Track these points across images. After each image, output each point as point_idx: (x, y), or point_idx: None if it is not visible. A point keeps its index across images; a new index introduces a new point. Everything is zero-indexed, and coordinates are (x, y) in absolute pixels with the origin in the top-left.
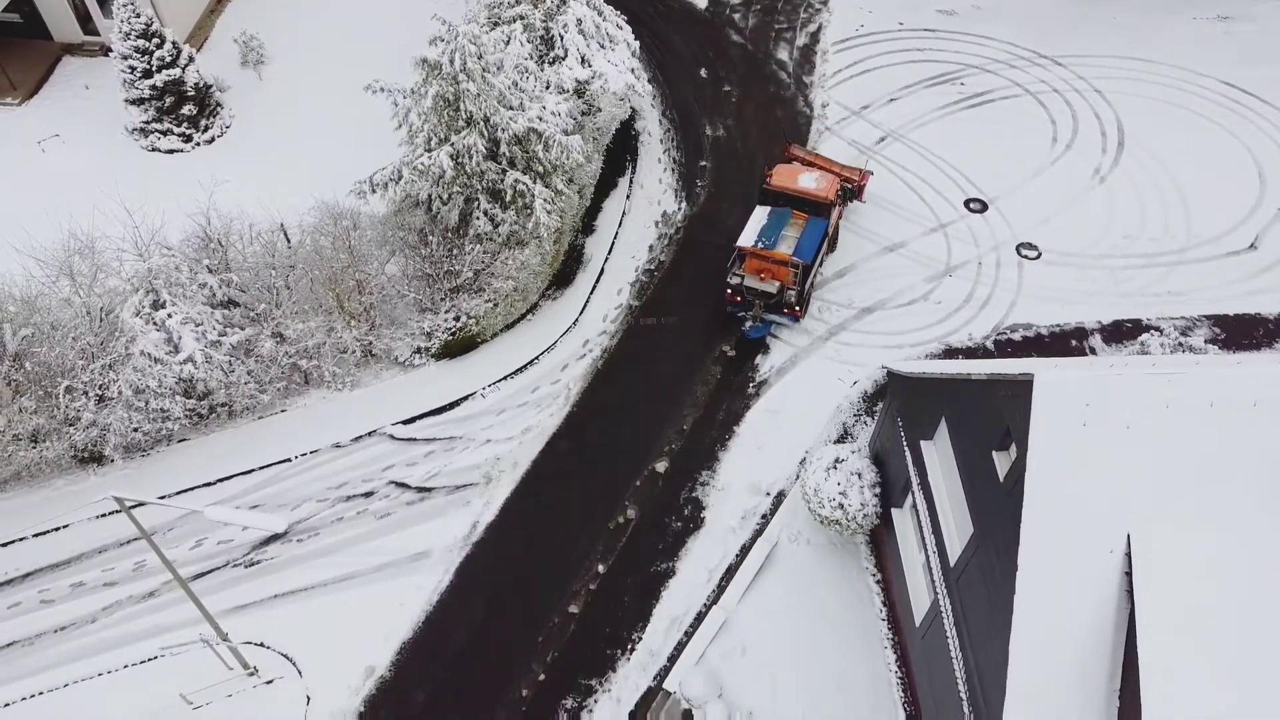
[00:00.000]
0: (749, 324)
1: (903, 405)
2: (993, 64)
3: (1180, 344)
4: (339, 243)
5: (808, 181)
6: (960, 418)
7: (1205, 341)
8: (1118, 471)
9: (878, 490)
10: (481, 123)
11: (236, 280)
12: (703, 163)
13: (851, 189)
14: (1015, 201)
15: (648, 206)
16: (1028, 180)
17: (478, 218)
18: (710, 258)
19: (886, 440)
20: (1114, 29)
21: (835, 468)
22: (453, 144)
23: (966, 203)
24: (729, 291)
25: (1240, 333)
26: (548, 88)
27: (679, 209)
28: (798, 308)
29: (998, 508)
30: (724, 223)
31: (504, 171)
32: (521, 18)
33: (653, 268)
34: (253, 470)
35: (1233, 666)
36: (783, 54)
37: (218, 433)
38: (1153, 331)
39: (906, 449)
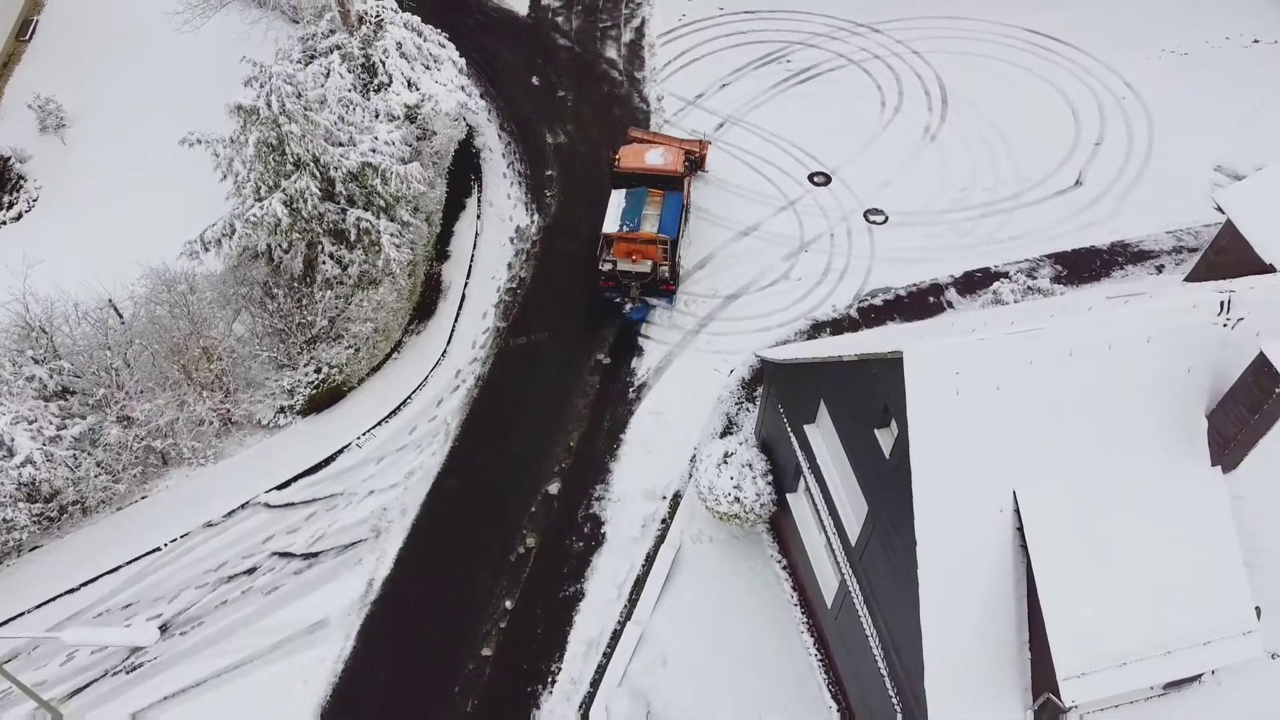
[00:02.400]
0: (629, 306)
1: (781, 391)
2: (815, 38)
3: (1030, 288)
4: (177, 310)
5: (654, 158)
6: (838, 399)
7: (1051, 281)
8: (995, 432)
9: (770, 478)
10: (311, 163)
11: (68, 367)
12: (548, 171)
13: (695, 160)
14: (856, 170)
15: (500, 224)
16: (864, 148)
17: (323, 262)
18: (570, 266)
19: (771, 426)
20: None
21: (726, 462)
22: (284, 190)
23: (810, 177)
24: (602, 279)
25: (1080, 266)
26: (377, 116)
27: (532, 222)
28: (672, 283)
29: (888, 484)
30: (578, 229)
31: (344, 210)
32: (338, 47)
33: (514, 285)
34: (120, 567)
35: (1129, 603)
36: (611, 52)
37: (74, 533)
38: (1002, 280)
39: (792, 434)
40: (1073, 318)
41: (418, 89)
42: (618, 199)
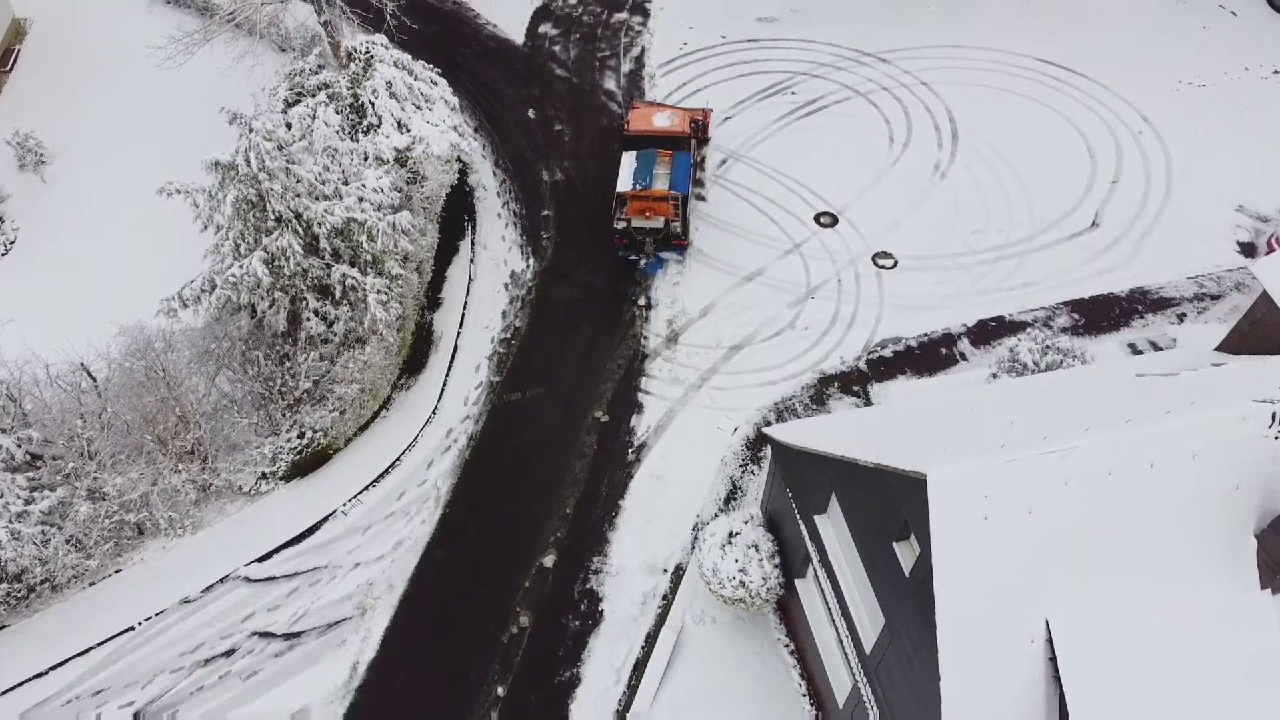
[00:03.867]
0: (643, 261)
1: (789, 475)
2: (820, 68)
3: (1048, 346)
4: (152, 374)
5: (662, 120)
6: (852, 499)
7: (1068, 333)
8: (1028, 557)
9: (777, 561)
10: (294, 219)
11: (37, 436)
12: (545, 212)
13: (700, 124)
14: (863, 209)
15: (494, 269)
16: (872, 185)
17: (308, 318)
18: (568, 314)
19: (778, 503)
20: (929, 17)
21: (730, 543)
22: (265, 247)
23: (817, 218)
24: (617, 236)
25: (1098, 314)
26: (365, 160)
27: (527, 266)
28: (683, 238)
29: (907, 601)
30: (575, 273)
31: (329, 266)
32: (325, 86)
33: (509, 335)
34: (91, 648)
35: None
36: (610, 83)
37: (44, 611)
38: (1020, 336)
39: (801, 522)
40: (1111, 432)
41: (408, 130)
42: (629, 160)
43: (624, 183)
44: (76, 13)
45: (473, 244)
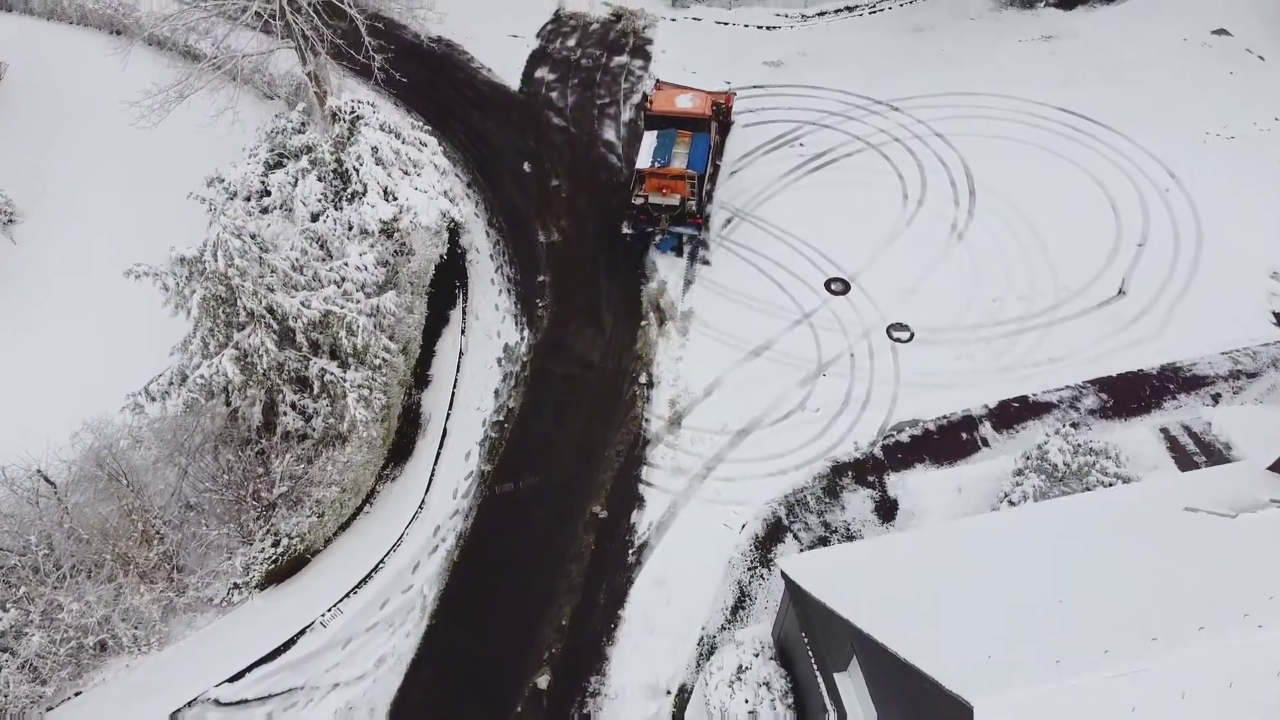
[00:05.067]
0: (659, 238)
1: (806, 618)
2: (829, 117)
3: (1078, 447)
4: (115, 481)
5: (684, 101)
6: (879, 674)
7: (1092, 412)
8: None
9: (790, 700)
10: (267, 314)
11: None
12: (540, 278)
13: (723, 107)
14: (877, 274)
15: (486, 342)
16: (885, 247)
17: (284, 412)
18: (564, 392)
19: (791, 635)
20: (942, 61)
21: (739, 679)
22: (236, 344)
23: (828, 284)
24: (634, 212)
25: (1127, 394)
26: (350, 229)
27: (521, 339)
28: (699, 216)
29: None
30: (573, 347)
31: (307, 359)
32: (308, 150)
33: (501, 418)
34: None
35: None
36: (609, 133)
37: None
38: (1045, 419)
39: (818, 675)
40: (1184, 648)
41: (395, 199)
42: (650, 139)
43: (643, 160)
44: (53, 58)
45: (464, 313)
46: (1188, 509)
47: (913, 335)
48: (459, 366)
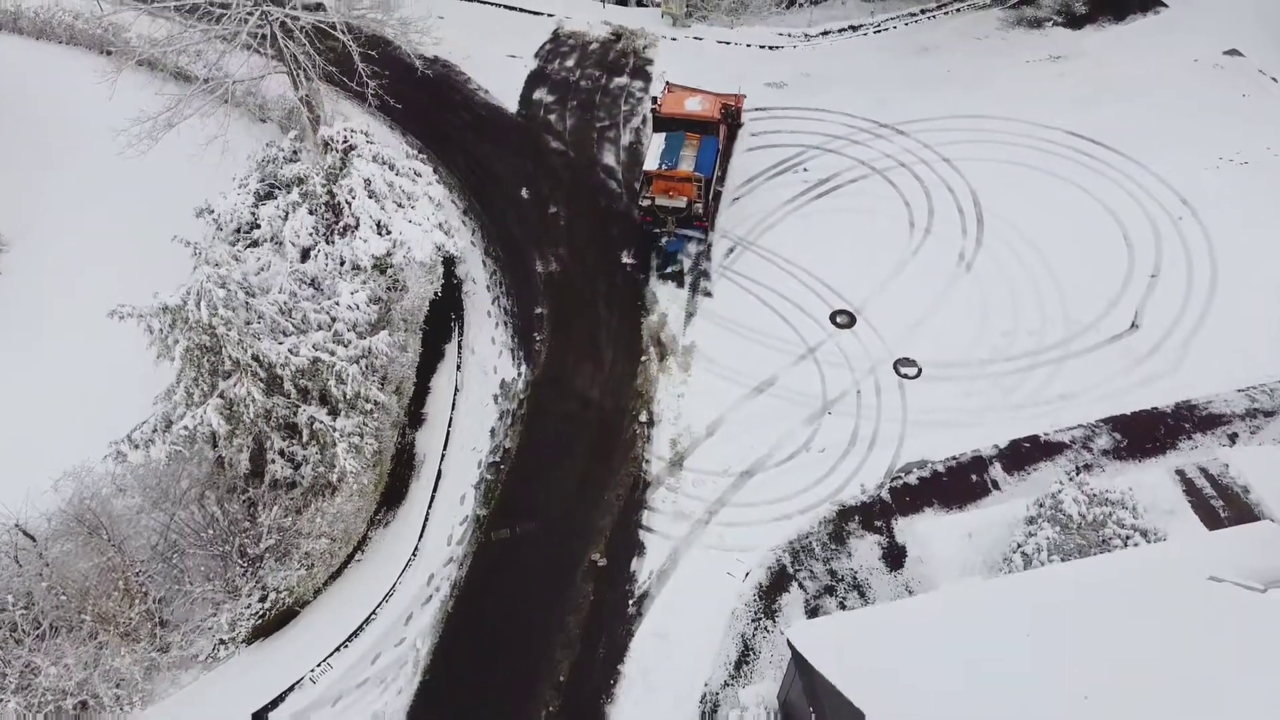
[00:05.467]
0: (664, 239)
1: (814, 693)
2: (833, 141)
3: (1094, 497)
4: (95, 536)
5: (693, 104)
6: None
7: (1105, 453)
8: None
9: None
10: (253, 363)
11: None
12: (538, 309)
13: (732, 110)
14: (883, 306)
15: (482, 377)
16: (892, 277)
17: (272, 460)
18: (562, 431)
19: (797, 703)
20: (948, 82)
21: None
22: (221, 393)
23: (833, 317)
24: (641, 213)
25: (1141, 434)
26: (342, 264)
27: (518, 374)
28: (704, 219)
29: None
30: (572, 382)
31: (296, 406)
32: (300, 181)
33: (498, 459)
34: None
35: None
36: (609, 157)
37: None
38: (1063, 482)
39: None
40: None
41: (388, 232)
42: (658, 140)
43: (651, 162)
44: (42, 79)
45: (460, 347)
46: (1213, 579)
47: (920, 371)
48: (454, 404)
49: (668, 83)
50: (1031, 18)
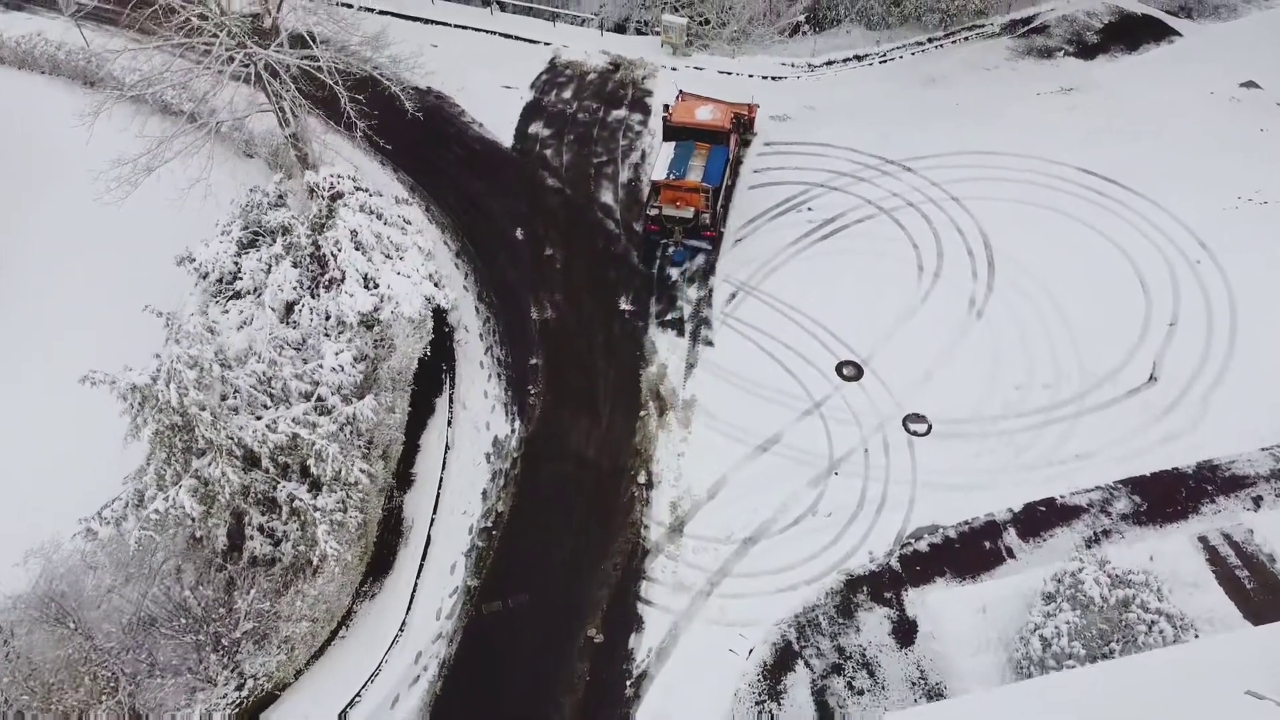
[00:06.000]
0: (672, 249)
1: None
2: (839, 178)
3: (1116, 578)
4: (60, 624)
5: (704, 114)
6: None
7: (1125, 518)
8: None
9: None
10: (229, 441)
11: None
12: (533, 360)
13: (744, 120)
14: (891, 357)
15: (474, 434)
16: (900, 325)
17: (251, 536)
18: (557, 494)
19: None
20: (956, 115)
21: None
22: (196, 473)
23: (839, 368)
24: (649, 223)
25: (1162, 497)
26: (327, 319)
27: (512, 431)
28: (711, 229)
29: None
30: (567, 440)
31: (275, 481)
32: (285, 230)
33: (490, 524)
34: None
35: None
36: (607, 195)
37: None
38: (1083, 561)
39: None
40: None
41: (375, 285)
42: (667, 150)
43: (659, 172)
44: (22, 111)
45: (451, 401)
46: (1250, 694)
47: (930, 428)
48: (445, 463)
49: (680, 90)
50: (1042, 47)
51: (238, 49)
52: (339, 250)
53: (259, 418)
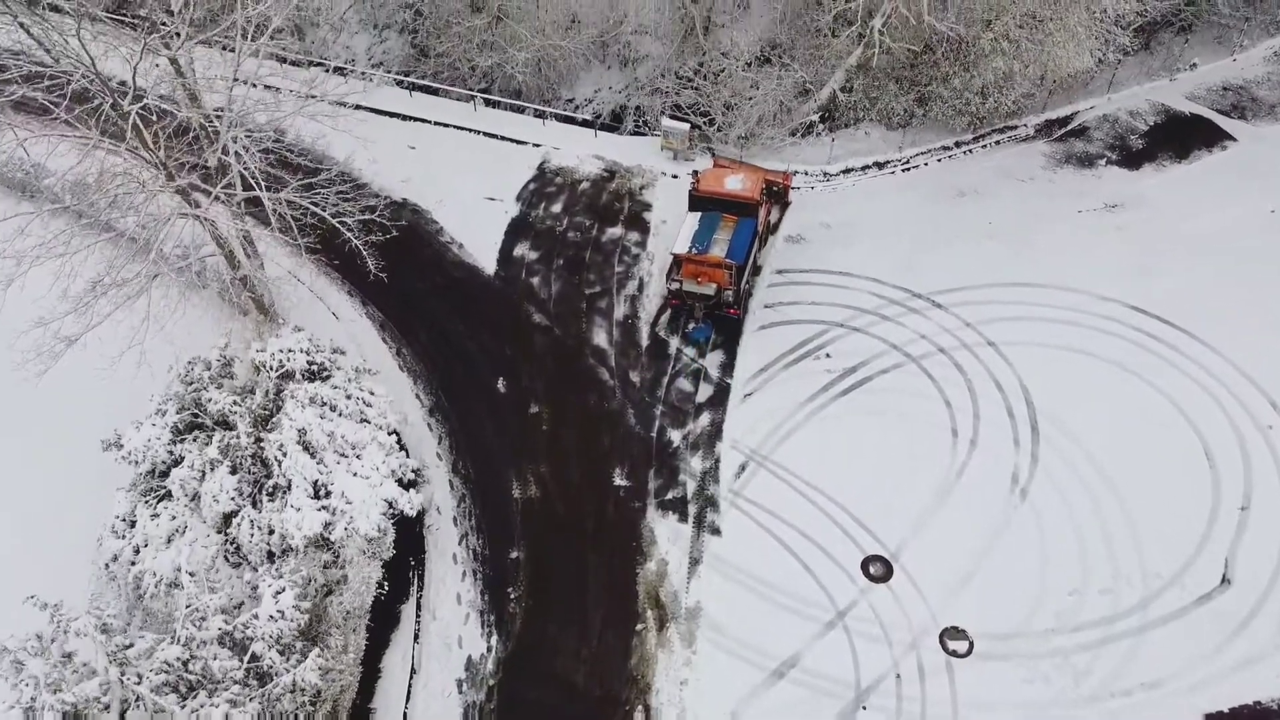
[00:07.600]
0: (692, 325)
1: None
2: (859, 316)
3: None
4: None
5: (734, 183)
6: None
7: None
8: None
9: None
10: None
11: None
12: (514, 553)
13: (778, 189)
14: (924, 550)
15: (445, 654)
16: (934, 509)
17: None
18: None
19: None
20: (989, 237)
21: None
22: None
23: (865, 566)
24: (671, 298)
25: None
26: (270, 534)
27: (488, 649)
28: (735, 307)
29: None
30: (551, 661)
31: None
32: (225, 424)
33: None
34: None
35: None
36: (600, 337)
37: None
38: None
39: None
40: None
41: (328, 493)
42: (691, 221)
43: (681, 244)
44: None
45: (418, 608)
46: None
47: (972, 646)
48: (409, 693)
49: (714, 155)
50: (1082, 154)
51: (176, 194)
52: (284, 455)
53: (172, 716)
